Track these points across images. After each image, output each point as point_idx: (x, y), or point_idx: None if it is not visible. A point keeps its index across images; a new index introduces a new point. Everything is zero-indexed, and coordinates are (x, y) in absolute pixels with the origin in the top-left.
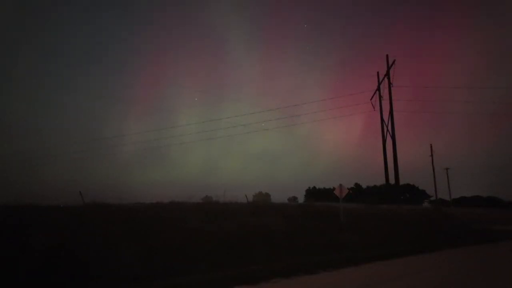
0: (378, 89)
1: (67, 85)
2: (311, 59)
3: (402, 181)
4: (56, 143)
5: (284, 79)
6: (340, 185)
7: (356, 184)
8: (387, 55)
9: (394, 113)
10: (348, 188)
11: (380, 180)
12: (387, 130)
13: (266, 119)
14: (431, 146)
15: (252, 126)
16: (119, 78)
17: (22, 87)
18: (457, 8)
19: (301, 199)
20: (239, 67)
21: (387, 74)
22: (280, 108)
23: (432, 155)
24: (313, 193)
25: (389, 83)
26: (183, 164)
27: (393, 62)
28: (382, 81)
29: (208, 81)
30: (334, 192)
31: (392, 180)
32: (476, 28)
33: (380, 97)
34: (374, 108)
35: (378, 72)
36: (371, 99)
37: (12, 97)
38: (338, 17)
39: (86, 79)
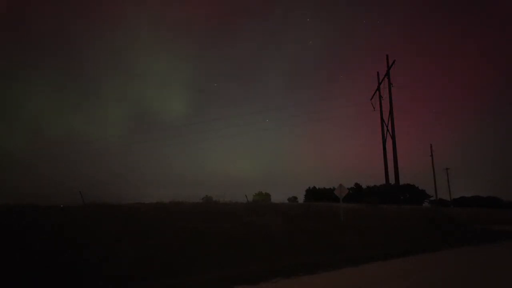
0: (378, 89)
1: (66, 85)
2: (311, 58)
3: (402, 181)
4: (56, 143)
5: (283, 79)
6: (340, 185)
7: (356, 184)
8: (387, 55)
9: (394, 113)
10: (348, 188)
11: (380, 180)
12: (387, 130)
13: (265, 118)
14: (431, 146)
15: (252, 125)
16: (117, 79)
17: (22, 86)
18: (457, 7)
19: (301, 199)
20: (237, 65)
21: (387, 74)
22: (279, 107)
23: (432, 155)
24: (313, 193)
25: (389, 83)
26: (183, 164)
27: (393, 62)
28: (382, 81)
29: (207, 81)
30: (334, 192)
31: (392, 180)
32: (476, 27)
33: (380, 97)
34: (374, 108)
35: (378, 72)
36: (371, 99)
37: (12, 96)
38: (337, 16)
39: (86, 78)
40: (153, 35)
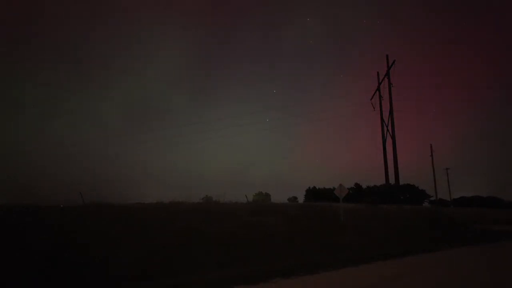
0: (378, 89)
1: (68, 84)
2: (311, 58)
3: (402, 181)
4: (56, 143)
5: (283, 78)
6: (340, 185)
7: (356, 184)
8: (387, 55)
9: (394, 113)
10: (348, 188)
11: (380, 180)
12: (387, 130)
13: (266, 119)
14: (431, 146)
15: (252, 125)
16: (117, 79)
17: (22, 85)
18: (457, 7)
19: (301, 199)
20: (236, 66)
21: (387, 74)
22: (280, 107)
23: (432, 155)
24: (313, 193)
25: (389, 83)
26: (183, 164)
27: (393, 62)
28: (382, 81)
29: (206, 80)
30: (334, 192)
31: (392, 180)
32: (476, 27)
33: (380, 97)
34: (374, 108)
35: (378, 72)
36: (371, 99)
37: (11, 97)
38: (337, 16)
39: (87, 79)
40: (153, 35)
